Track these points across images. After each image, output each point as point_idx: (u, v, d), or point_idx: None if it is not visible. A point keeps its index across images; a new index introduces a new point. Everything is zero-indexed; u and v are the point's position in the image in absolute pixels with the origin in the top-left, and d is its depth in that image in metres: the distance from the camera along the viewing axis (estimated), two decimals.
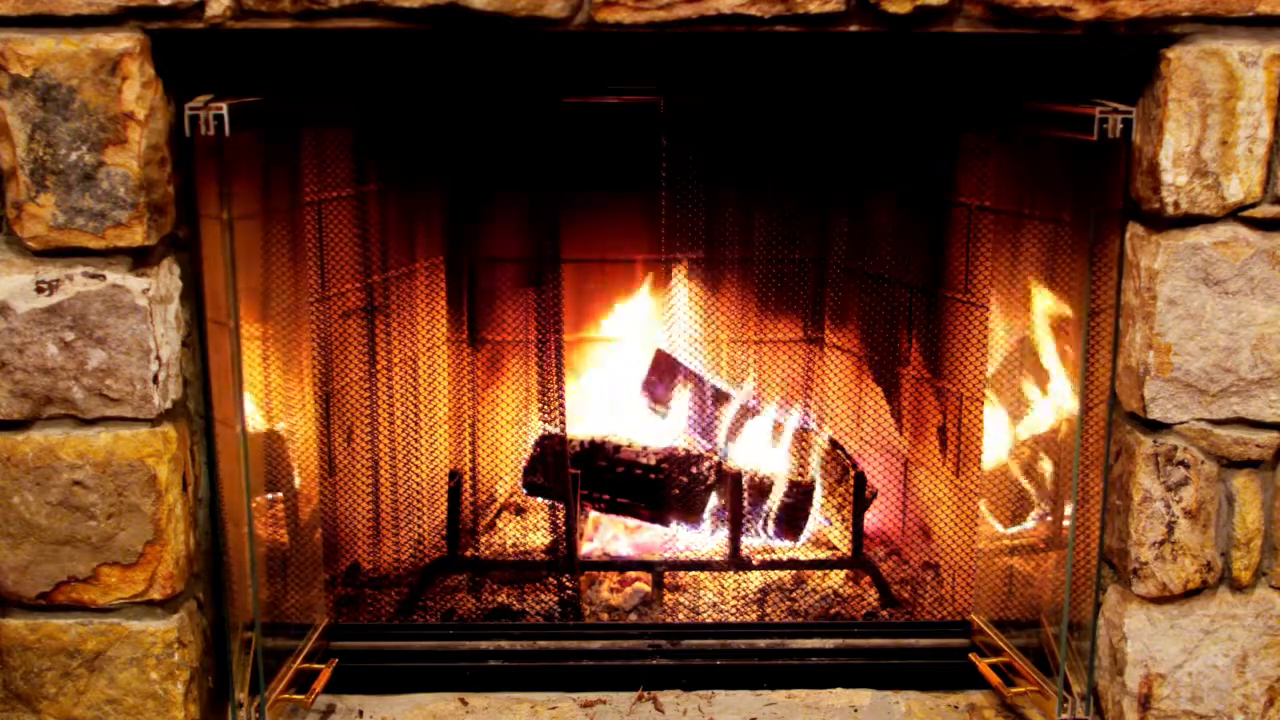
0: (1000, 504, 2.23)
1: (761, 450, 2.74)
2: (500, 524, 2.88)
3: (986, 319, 2.31)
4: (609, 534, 2.75)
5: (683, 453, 2.67)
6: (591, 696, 2.16)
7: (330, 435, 2.50)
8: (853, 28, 1.80)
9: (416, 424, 2.73)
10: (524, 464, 2.69)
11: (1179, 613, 1.95)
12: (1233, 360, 1.87)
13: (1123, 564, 1.96)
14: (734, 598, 2.52)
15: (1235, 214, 1.84)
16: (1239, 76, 1.79)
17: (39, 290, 1.81)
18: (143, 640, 1.92)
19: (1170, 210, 1.83)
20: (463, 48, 1.90)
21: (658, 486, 2.63)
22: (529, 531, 2.80)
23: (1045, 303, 2.08)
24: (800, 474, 2.71)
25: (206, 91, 1.83)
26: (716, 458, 2.66)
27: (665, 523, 2.66)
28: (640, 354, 2.86)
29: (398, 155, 2.59)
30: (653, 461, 2.64)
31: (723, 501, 2.60)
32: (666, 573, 2.55)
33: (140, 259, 1.83)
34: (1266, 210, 1.83)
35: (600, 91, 2.28)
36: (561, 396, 2.49)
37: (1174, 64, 1.79)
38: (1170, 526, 1.92)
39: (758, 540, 2.65)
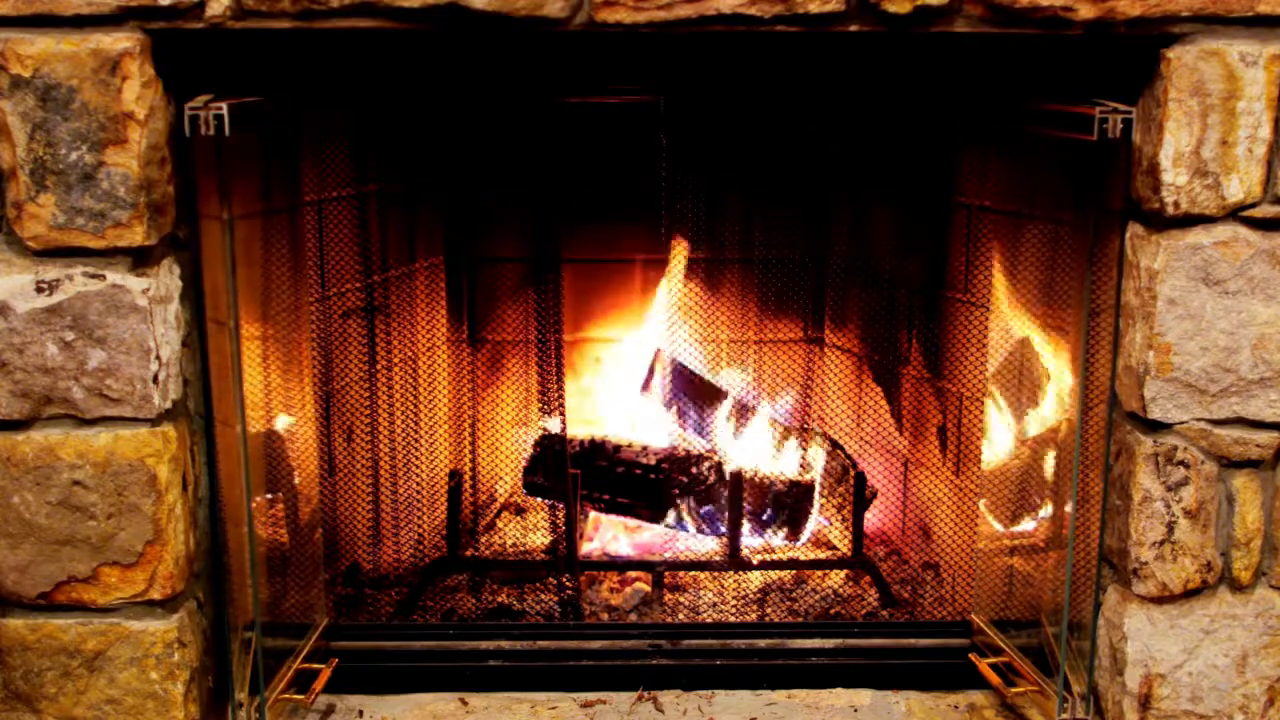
0: (1000, 504, 2.23)
1: (761, 450, 2.74)
2: (500, 524, 2.88)
3: (986, 319, 2.31)
4: (609, 534, 2.75)
5: (683, 453, 2.67)
6: (591, 696, 2.16)
7: (330, 435, 2.50)
8: (853, 28, 1.80)
9: (416, 424, 2.73)
10: (524, 464, 2.69)
11: (1179, 613, 1.95)
12: (1233, 360, 1.87)
13: (1123, 564, 1.96)
14: (734, 598, 2.52)
15: (1235, 214, 1.84)
16: (1239, 76, 1.79)
17: (39, 290, 1.81)
18: (143, 640, 1.92)
19: (1170, 210, 1.83)
20: (463, 48, 1.90)
21: (658, 486, 2.63)
22: (529, 531, 2.80)
23: (1045, 302, 2.08)
24: (800, 474, 2.71)
25: (206, 91, 1.83)
26: (716, 458, 2.66)
27: (665, 522, 2.66)
28: (640, 354, 2.86)
29: (398, 155, 2.59)
30: (653, 461, 2.64)
31: (723, 501, 2.59)
32: (666, 573, 2.55)
33: (140, 259, 1.83)
34: (1266, 210, 1.83)
35: (600, 91, 2.28)
36: (561, 396, 2.49)
37: (1174, 64, 1.79)
38: (1170, 526, 1.92)
39: (758, 540, 2.65)
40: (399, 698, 2.16)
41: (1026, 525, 2.17)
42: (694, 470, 2.62)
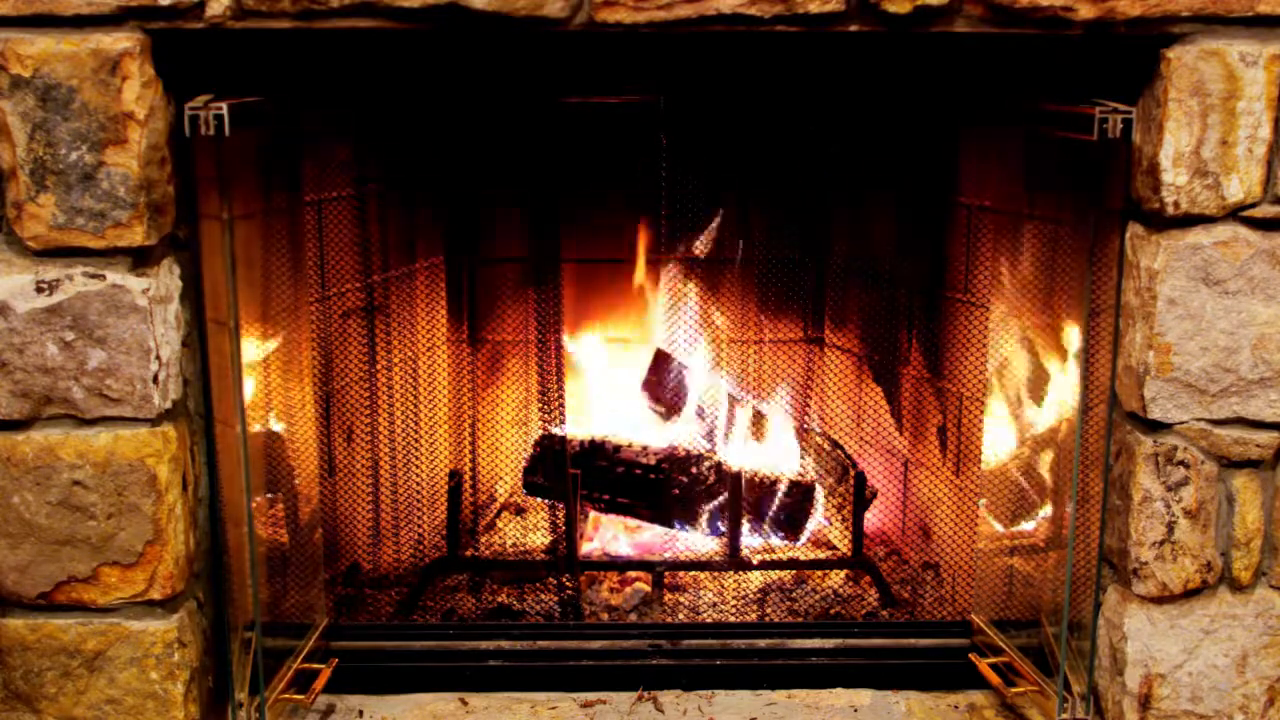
0: (1000, 504, 2.23)
1: (762, 450, 2.74)
2: (500, 524, 2.88)
3: (986, 319, 2.31)
4: (609, 534, 2.75)
5: (683, 453, 2.67)
6: (591, 696, 2.16)
7: (330, 435, 2.49)
8: (853, 28, 1.80)
9: (416, 424, 2.73)
10: (524, 464, 2.69)
11: (1179, 613, 1.95)
12: (1233, 360, 1.87)
13: (1123, 564, 1.96)
14: (734, 598, 2.52)
15: (1235, 214, 1.84)
16: (1239, 76, 1.79)
17: (39, 290, 1.81)
18: (143, 640, 1.92)
19: (1170, 210, 1.83)
20: (463, 48, 1.90)
21: (658, 486, 2.63)
22: (529, 531, 2.80)
23: (1045, 303, 2.08)
24: (800, 474, 2.71)
25: (206, 91, 1.83)
26: (716, 458, 2.66)
27: (665, 523, 2.66)
28: (640, 354, 2.86)
29: (398, 155, 2.59)
30: (653, 461, 2.64)
31: (723, 501, 2.59)
32: (666, 573, 2.55)
33: (140, 259, 1.83)
34: (1266, 210, 1.83)
35: (600, 91, 2.28)
36: (561, 396, 2.49)
37: (1174, 64, 1.79)
38: (1170, 526, 1.92)
39: (757, 540, 2.65)
40: (399, 698, 2.16)
41: (1026, 525, 2.17)
42: (694, 470, 2.62)
